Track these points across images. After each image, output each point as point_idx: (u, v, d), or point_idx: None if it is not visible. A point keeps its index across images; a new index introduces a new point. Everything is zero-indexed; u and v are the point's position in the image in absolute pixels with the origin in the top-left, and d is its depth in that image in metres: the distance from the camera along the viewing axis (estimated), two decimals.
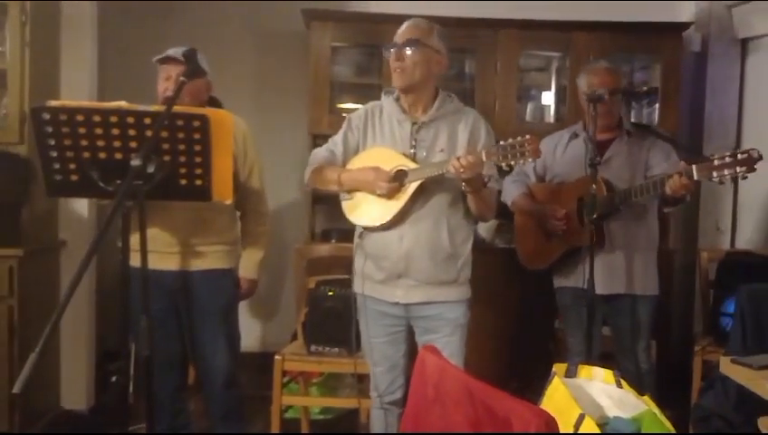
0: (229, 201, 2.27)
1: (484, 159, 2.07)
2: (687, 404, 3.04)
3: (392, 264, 2.25)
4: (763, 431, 2.19)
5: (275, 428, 2.82)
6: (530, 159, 2.06)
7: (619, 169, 2.75)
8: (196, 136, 2.11)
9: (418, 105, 2.29)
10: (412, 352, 2.30)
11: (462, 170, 2.03)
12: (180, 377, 2.72)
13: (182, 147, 2.11)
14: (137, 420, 2.50)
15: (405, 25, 2.30)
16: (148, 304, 1.98)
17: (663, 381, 3.26)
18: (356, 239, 2.37)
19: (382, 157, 2.27)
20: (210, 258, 2.55)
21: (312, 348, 2.82)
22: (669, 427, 1.49)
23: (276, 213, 2.74)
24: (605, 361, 2.92)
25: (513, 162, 2.06)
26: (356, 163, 2.33)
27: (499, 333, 3.66)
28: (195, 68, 2.11)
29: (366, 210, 2.30)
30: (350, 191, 2.32)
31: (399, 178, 2.20)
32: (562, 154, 2.90)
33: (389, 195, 2.21)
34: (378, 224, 2.26)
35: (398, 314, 2.31)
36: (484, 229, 3.83)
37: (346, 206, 2.36)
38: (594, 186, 2.60)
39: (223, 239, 2.58)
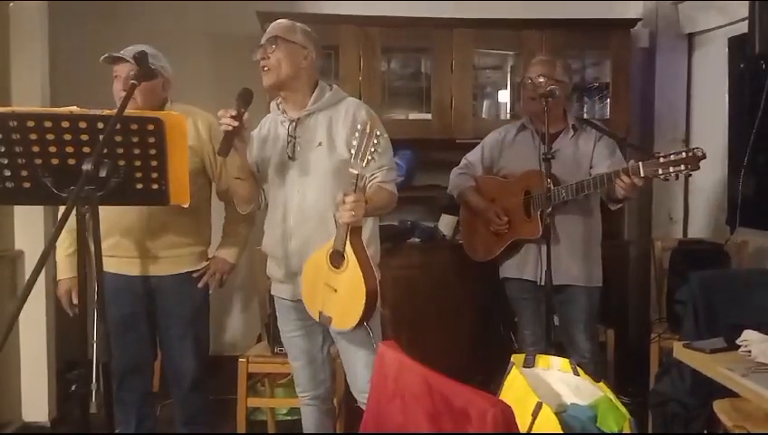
0: (187, 204, 2.24)
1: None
2: (647, 391, 3.12)
3: (284, 262, 2.29)
4: (719, 414, 2.27)
5: (241, 430, 2.81)
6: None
7: (564, 164, 2.80)
8: (151, 139, 2.09)
9: (296, 102, 2.28)
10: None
11: (353, 214, 2.00)
12: (148, 382, 2.70)
13: (137, 151, 2.09)
14: (100, 430, 2.47)
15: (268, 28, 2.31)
16: (103, 311, 1.95)
17: (622, 369, 3.35)
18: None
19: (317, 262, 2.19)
20: (176, 262, 2.53)
21: (277, 349, 2.82)
22: (624, 412, 1.54)
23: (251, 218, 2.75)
24: (558, 350, 3.00)
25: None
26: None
27: (461, 328, 3.71)
28: (146, 70, 2.09)
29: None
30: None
31: (336, 260, 2.11)
32: (510, 146, 2.94)
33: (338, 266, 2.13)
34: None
35: (305, 309, 2.28)
36: (444, 225, 3.89)
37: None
38: (549, 180, 2.66)
39: (189, 242, 2.55)
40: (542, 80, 2.80)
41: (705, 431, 2.40)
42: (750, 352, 1.81)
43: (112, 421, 2.23)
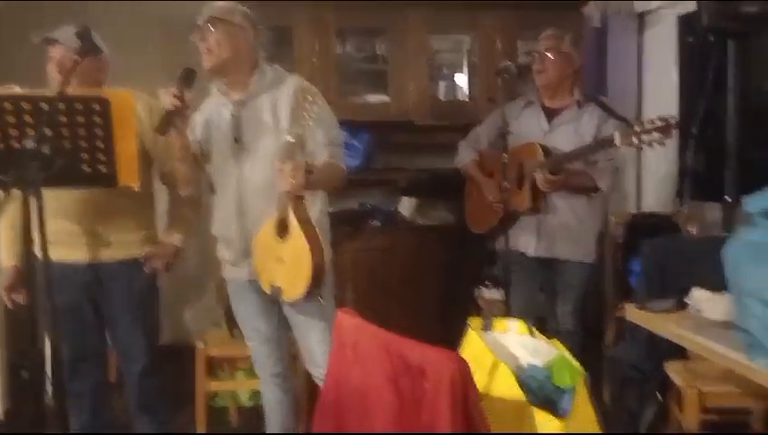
0: (136, 186, 2.20)
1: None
2: (603, 361, 3.18)
3: (237, 244, 2.28)
4: (671, 375, 2.33)
5: (201, 415, 2.78)
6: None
7: (564, 139, 2.83)
8: (97, 120, 2.05)
9: (237, 84, 2.25)
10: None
11: (292, 181, 1.99)
12: (101, 371, 2.65)
13: (82, 132, 2.05)
14: (54, 419, 2.42)
15: (205, 8, 2.28)
16: (52, 294, 1.90)
17: (580, 341, 3.40)
18: None
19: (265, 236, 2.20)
20: (122, 247, 2.47)
21: (236, 333, 2.79)
22: (578, 366, 1.57)
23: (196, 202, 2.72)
24: (543, 324, 3.05)
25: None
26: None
27: (424, 310, 3.72)
28: (89, 47, 2.03)
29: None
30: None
31: (281, 230, 2.13)
32: (517, 120, 2.95)
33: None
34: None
35: (260, 288, 2.26)
36: (405, 207, 3.89)
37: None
38: (506, 155, 2.70)
39: (135, 226, 2.49)
40: (549, 54, 2.84)
41: (658, 393, 2.46)
42: (699, 309, 1.85)
43: (65, 411, 2.18)
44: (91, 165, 2.08)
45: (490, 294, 3.45)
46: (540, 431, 1.43)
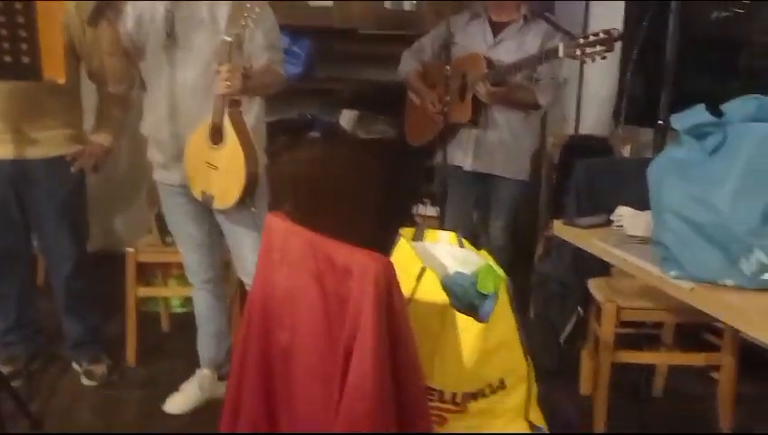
0: (62, 80, 2.09)
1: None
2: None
3: (168, 146, 2.22)
4: (593, 290, 2.44)
5: (131, 321, 2.76)
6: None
7: (507, 53, 2.82)
8: (18, 6, 1.92)
9: None
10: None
11: (228, 84, 1.97)
12: (26, 271, 2.59)
13: (2, 19, 1.92)
14: None
15: None
16: None
17: (511, 259, 3.49)
18: None
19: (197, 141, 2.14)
20: (47, 145, 2.38)
21: (168, 239, 2.75)
22: (501, 274, 1.61)
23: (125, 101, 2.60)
24: (476, 240, 3.11)
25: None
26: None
27: (361, 222, 3.74)
28: None
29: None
30: None
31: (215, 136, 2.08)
32: (462, 32, 2.91)
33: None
34: None
35: (192, 193, 2.23)
36: (345, 120, 3.84)
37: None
38: (448, 67, 2.68)
39: (61, 123, 2.40)
40: None
41: (579, 307, 2.57)
42: (622, 225, 1.92)
43: None
44: (12, 55, 1.96)
45: (426, 211, 3.50)
46: (460, 334, 1.49)
